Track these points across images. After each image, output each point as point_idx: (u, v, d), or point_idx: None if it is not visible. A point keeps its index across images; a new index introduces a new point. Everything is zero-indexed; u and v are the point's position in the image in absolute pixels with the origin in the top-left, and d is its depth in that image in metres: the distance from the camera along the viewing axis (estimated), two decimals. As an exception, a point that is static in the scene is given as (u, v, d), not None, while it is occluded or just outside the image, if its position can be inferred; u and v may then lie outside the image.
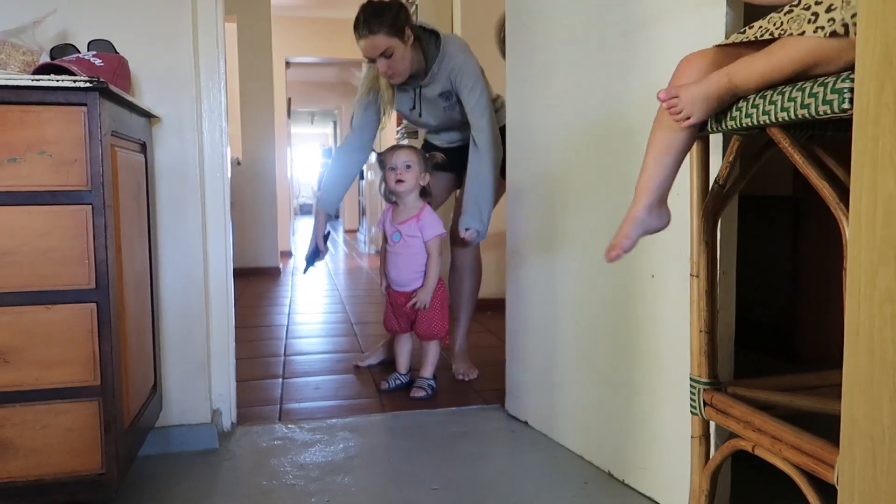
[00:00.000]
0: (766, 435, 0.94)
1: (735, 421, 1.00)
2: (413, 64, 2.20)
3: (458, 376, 2.40)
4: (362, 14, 2.15)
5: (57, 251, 1.19)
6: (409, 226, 2.18)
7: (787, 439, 0.90)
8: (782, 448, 0.90)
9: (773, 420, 0.94)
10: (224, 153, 1.79)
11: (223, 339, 1.84)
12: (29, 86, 1.15)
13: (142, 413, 1.48)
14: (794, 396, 1.02)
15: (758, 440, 0.95)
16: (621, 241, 1.06)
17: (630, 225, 1.07)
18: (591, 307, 1.66)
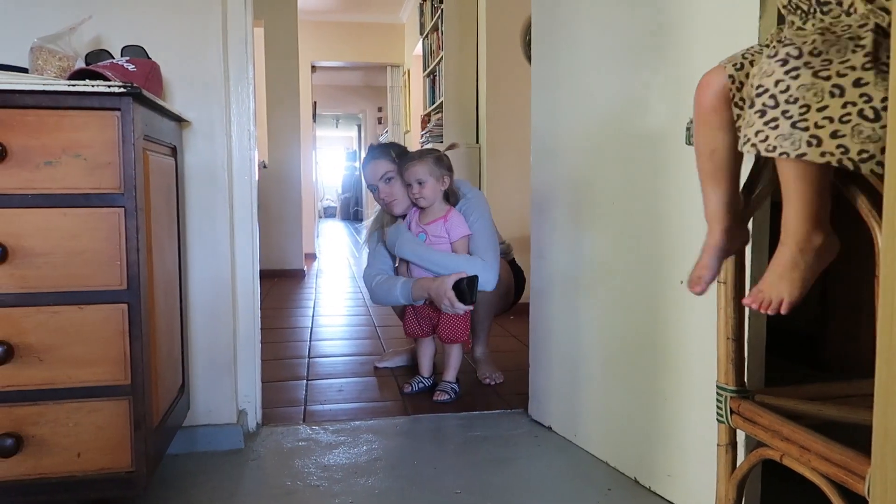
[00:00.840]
0: (794, 444, 0.93)
1: (762, 430, 0.99)
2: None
3: (484, 380, 2.40)
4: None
5: (90, 252, 1.22)
6: (435, 226, 2.19)
7: (816, 449, 0.89)
8: (811, 458, 0.89)
9: (801, 429, 0.93)
10: (252, 157, 1.81)
11: (249, 340, 1.87)
12: (65, 91, 1.18)
13: (170, 412, 1.51)
14: (823, 406, 1.01)
15: (786, 449, 0.94)
16: (702, 272, 1.04)
17: (707, 255, 1.04)
18: (616, 312, 1.65)
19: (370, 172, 2.27)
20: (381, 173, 2.25)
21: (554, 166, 1.89)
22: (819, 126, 0.81)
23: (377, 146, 2.33)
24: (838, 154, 0.80)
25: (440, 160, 2.19)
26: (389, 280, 2.23)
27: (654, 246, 1.50)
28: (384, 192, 2.25)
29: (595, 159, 1.70)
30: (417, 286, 2.16)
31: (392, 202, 2.25)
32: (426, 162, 2.16)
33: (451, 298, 2.08)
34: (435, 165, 2.17)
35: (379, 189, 2.26)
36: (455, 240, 2.18)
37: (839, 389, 1.09)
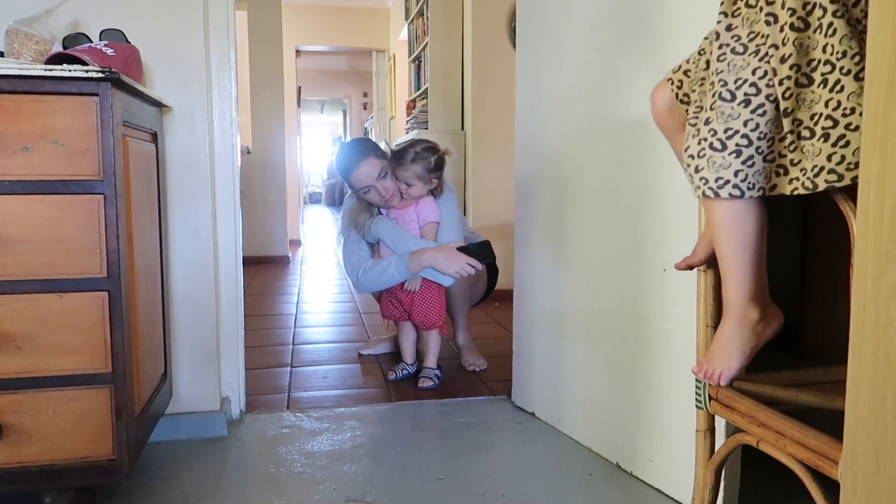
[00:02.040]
0: (770, 430, 0.94)
1: (740, 416, 1.01)
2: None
3: (468, 367, 2.41)
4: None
5: (69, 240, 1.21)
6: (407, 212, 2.20)
7: (791, 435, 0.90)
8: (787, 443, 0.91)
9: (778, 415, 0.94)
10: (234, 143, 1.80)
11: (232, 327, 1.86)
12: (42, 76, 1.16)
13: (152, 400, 1.50)
14: (799, 392, 1.03)
15: (762, 435, 0.96)
16: (690, 257, 1.11)
17: (702, 243, 1.09)
18: (600, 299, 1.66)
19: (364, 175, 2.16)
20: (377, 173, 2.17)
21: (538, 153, 1.89)
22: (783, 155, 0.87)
23: (354, 148, 2.24)
24: (801, 177, 0.85)
25: (431, 167, 2.16)
26: (381, 262, 2.18)
27: (638, 233, 1.51)
28: (383, 190, 2.18)
29: (580, 146, 1.71)
30: (415, 258, 2.13)
31: (391, 197, 2.20)
32: (418, 167, 2.15)
33: (461, 259, 2.09)
34: (425, 171, 2.16)
35: (376, 188, 2.17)
36: (423, 224, 2.20)
37: (815, 376, 1.10)
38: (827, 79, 0.82)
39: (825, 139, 0.83)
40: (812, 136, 0.84)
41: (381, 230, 2.19)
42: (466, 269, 2.12)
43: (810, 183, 0.84)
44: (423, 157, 2.16)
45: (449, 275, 2.13)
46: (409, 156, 2.15)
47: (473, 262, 2.12)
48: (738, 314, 0.97)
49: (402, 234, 2.17)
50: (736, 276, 0.95)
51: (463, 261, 2.11)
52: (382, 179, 2.18)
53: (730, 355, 0.98)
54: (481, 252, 2.15)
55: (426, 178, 2.17)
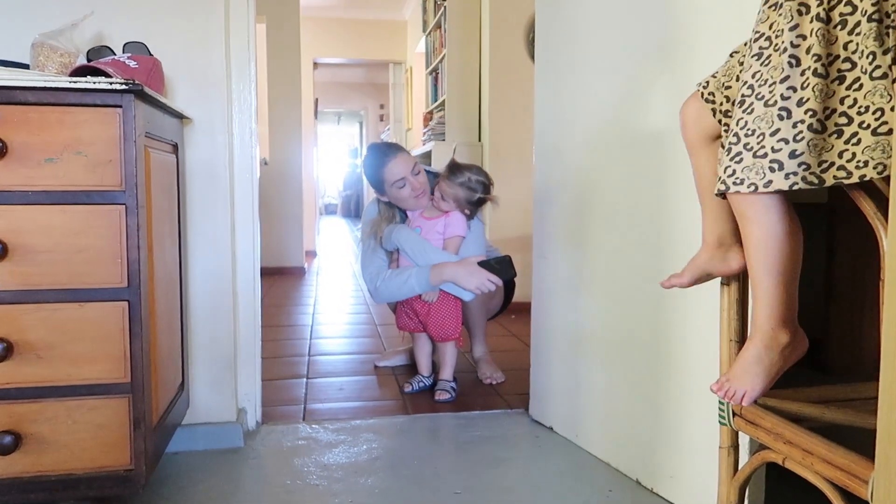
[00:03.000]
0: (796, 448, 0.93)
1: (765, 432, 0.99)
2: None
3: (485, 380, 2.41)
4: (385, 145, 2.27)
5: (91, 250, 1.22)
6: (435, 222, 2.20)
7: (818, 452, 0.89)
8: (814, 461, 0.89)
9: (804, 432, 0.93)
10: (253, 154, 1.81)
11: (250, 338, 1.87)
12: (66, 87, 1.18)
13: (169, 410, 1.51)
14: (826, 409, 1.01)
15: (788, 453, 0.94)
16: (676, 280, 1.12)
17: (689, 269, 1.11)
18: (619, 312, 1.65)
19: (400, 166, 2.16)
20: (412, 166, 2.19)
21: (557, 165, 1.89)
22: (776, 150, 0.84)
23: (387, 145, 2.29)
24: (801, 172, 0.83)
25: (472, 200, 2.17)
26: (401, 272, 2.18)
27: (658, 246, 1.50)
28: (416, 185, 2.18)
29: (599, 159, 1.70)
30: (436, 271, 2.13)
31: (421, 194, 2.21)
32: (462, 191, 2.16)
33: (482, 275, 2.10)
34: (465, 199, 2.17)
35: (410, 181, 2.17)
36: (448, 237, 2.19)
37: (842, 392, 1.09)
38: (845, 76, 0.82)
39: (838, 135, 0.82)
40: (823, 130, 0.83)
41: (401, 239, 2.19)
42: (487, 286, 2.12)
43: (816, 178, 0.83)
44: (472, 188, 2.17)
45: (470, 290, 2.13)
46: (462, 177, 2.17)
47: (494, 279, 2.12)
48: (768, 336, 0.96)
49: (424, 244, 2.17)
50: (769, 297, 0.94)
51: (484, 276, 2.11)
52: (416, 175, 2.20)
53: (754, 377, 0.97)
54: (502, 268, 2.15)
55: (461, 205, 2.18)
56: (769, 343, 0.96)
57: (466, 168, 2.19)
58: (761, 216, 0.90)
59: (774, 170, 0.85)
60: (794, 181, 0.84)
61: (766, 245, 0.91)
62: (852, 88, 0.82)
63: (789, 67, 0.84)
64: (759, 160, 0.86)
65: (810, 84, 0.83)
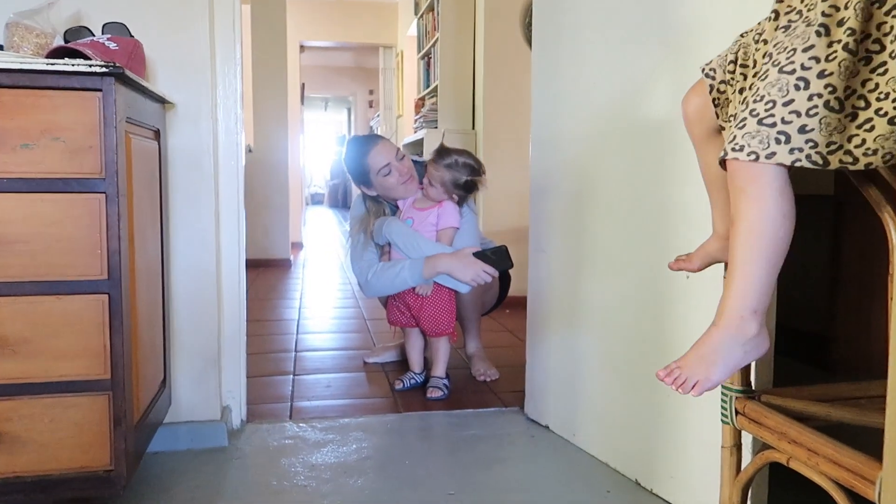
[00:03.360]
0: (801, 447, 0.94)
1: (769, 431, 1.00)
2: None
3: (478, 377, 2.41)
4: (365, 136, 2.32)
5: (69, 240, 1.22)
6: (427, 213, 2.20)
7: (824, 452, 0.90)
8: (819, 461, 0.90)
9: (809, 431, 0.94)
10: (239, 141, 1.81)
11: (235, 333, 1.87)
12: (43, 70, 1.17)
13: (151, 408, 1.51)
14: (832, 407, 1.02)
15: (793, 452, 0.95)
16: (684, 264, 1.16)
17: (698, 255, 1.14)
18: (619, 307, 1.66)
19: (383, 152, 2.20)
20: (395, 151, 2.22)
21: (554, 155, 1.89)
22: (786, 121, 0.82)
23: (366, 136, 2.33)
24: (807, 149, 0.81)
25: (459, 183, 2.17)
26: (393, 265, 2.19)
27: (660, 238, 1.50)
28: (402, 170, 2.21)
29: (598, 148, 1.71)
30: (429, 263, 2.14)
31: (409, 179, 2.22)
32: (448, 174, 2.16)
33: (477, 267, 2.11)
34: (451, 183, 2.17)
35: (396, 168, 2.20)
36: (442, 227, 2.20)
37: (848, 391, 1.10)
38: (871, 57, 0.80)
39: (852, 118, 0.81)
40: (840, 110, 0.81)
41: (392, 232, 2.19)
42: (483, 277, 2.13)
43: (821, 159, 0.81)
44: (458, 170, 2.17)
45: (465, 282, 2.14)
46: (448, 159, 2.17)
47: (490, 270, 2.13)
48: (734, 325, 0.91)
49: (416, 237, 2.18)
50: (747, 282, 0.89)
51: (480, 268, 2.12)
52: (401, 160, 2.22)
53: (711, 367, 0.92)
54: (498, 258, 2.16)
55: (449, 190, 2.18)
56: (735, 332, 0.91)
57: (454, 151, 2.20)
58: (759, 191, 0.86)
59: (780, 141, 0.82)
60: (797, 157, 0.81)
61: (759, 226, 0.87)
62: (876, 72, 0.80)
63: (816, 37, 0.81)
64: (764, 128, 0.83)
65: (837, 58, 0.80)
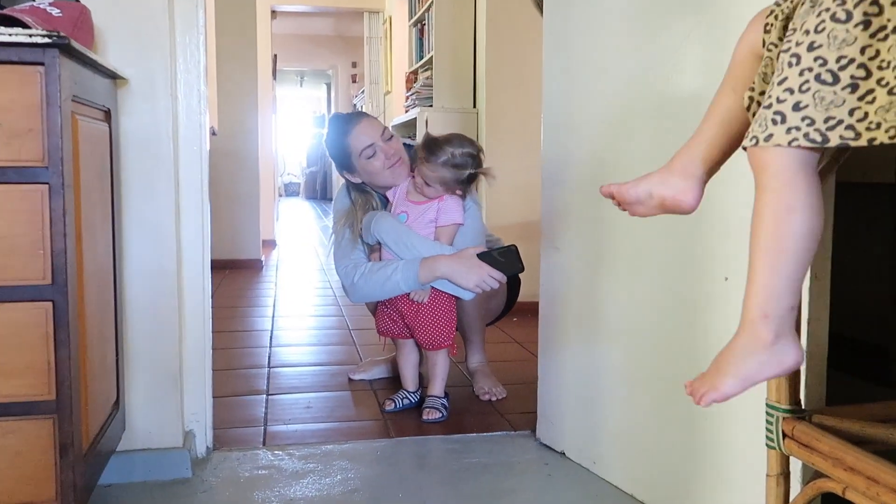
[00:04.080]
0: (860, 475, 0.94)
1: (822, 457, 1.01)
2: None
3: (482, 396, 2.42)
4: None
5: (6, 239, 1.21)
6: (425, 208, 2.19)
7: (886, 481, 0.90)
8: (881, 491, 0.91)
9: (869, 457, 0.94)
10: (202, 122, 1.81)
11: (198, 346, 1.87)
12: (-25, 40, 1.17)
13: (102, 434, 1.51)
14: (894, 429, 1.02)
15: (850, 481, 0.95)
16: (619, 188, 1.18)
17: (644, 181, 1.16)
18: (645, 314, 1.66)
19: (366, 131, 2.20)
20: (381, 130, 2.22)
21: (570, 136, 1.89)
22: (781, 100, 0.86)
23: (348, 114, 2.33)
24: (804, 127, 0.85)
25: (462, 179, 2.15)
26: (384, 266, 2.17)
27: (693, 233, 1.51)
28: (389, 151, 2.21)
29: (621, 127, 1.71)
30: (427, 266, 2.12)
31: (397, 163, 2.22)
32: (447, 173, 2.13)
33: (482, 271, 2.09)
34: (453, 180, 2.15)
35: (381, 149, 2.20)
36: (444, 224, 2.19)
37: (913, 409, 1.10)
38: (870, 21, 0.82)
39: (852, 90, 0.83)
40: (834, 82, 0.84)
41: (382, 230, 2.19)
42: (489, 283, 2.11)
43: (819, 136, 0.84)
44: (458, 165, 2.13)
45: (468, 289, 2.12)
46: (444, 155, 2.12)
47: (496, 274, 2.11)
48: (747, 330, 0.95)
49: (409, 236, 2.17)
50: (756, 281, 0.94)
51: (485, 272, 2.10)
52: (388, 140, 2.22)
53: (723, 378, 0.96)
54: (507, 261, 2.13)
55: (451, 188, 2.17)
56: (746, 340, 0.95)
57: (445, 142, 2.16)
58: (765, 181, 0.91)
59: (777, 122, 0.86)
60: (794, 136, 0.85)
61: (763, 221, 0.92)
62: (876, 37, 0.82)
63: (809, 8, 0.86)
64: (765, 110, 0.88)
65: (826, 28, 0.84)
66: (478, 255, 2.12)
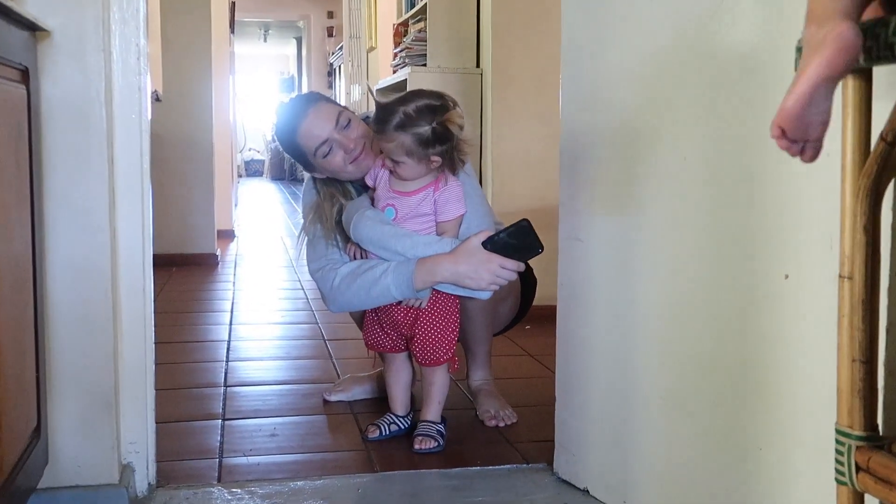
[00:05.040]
0: (952, 517, 0.94)
1: (905, 495, 1.00)
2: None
3: (488, 421, 2.42)
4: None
5: None
6: (420, 198, 2.15)
7: (984, 524, 0.90)
8: (977, 537, 0.90)
9: (963, 495, 0.94)
10: (142, 85, 1.80)
11: (138, 361, 1.87)
12: None
13: (19, 468, 1.50)
14: None
15: (939, 524, 0.95)
16: (795, 107, 1.02)
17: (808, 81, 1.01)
18: (689, 318, 1.66)
19: (316, 125, 2.18)
20: (335, 119, 2.19)
21: (595, 102, 1.89)
22: None
23: (297, 100, 2.35)
24: None
25: (427, 138, 2.05)
26: (370, 267, 2.13)
27: (748, 221, 1.50)
28: (348, 143, 2.18)
29: (658, 91, 1.70)
30: (424, 268, 2.08)
31: (361, 154, 2.20)
32: (406, 137, 2.05)
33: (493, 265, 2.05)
34: (417, 144, 2.05)
35: (338, 142, 2.17)
36: (448, 220, 2.16)
37: None
38: None
39: None
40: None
41: (363, 237, 2.15)
42: (505, 277, 2.08)
43: None
44: (416, 123, 2.04)
45: (481, 290, 2.10)
46: (395, 118, 2.05)
47: (510, 265, 2.07)
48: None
49: (397, 239, 2.12)
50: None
51: (496, 265, 2.06)
52: (345, 129, 2.20)
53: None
54: (520, 242, 2.07)
55: (420, 155, 2.08)
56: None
57: (396, 102, 2.09)
58: None
59: None
60: None
61: None
62: None
63: None
64: None
65: None
66: (483, 242, 2.08)
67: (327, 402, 2.61)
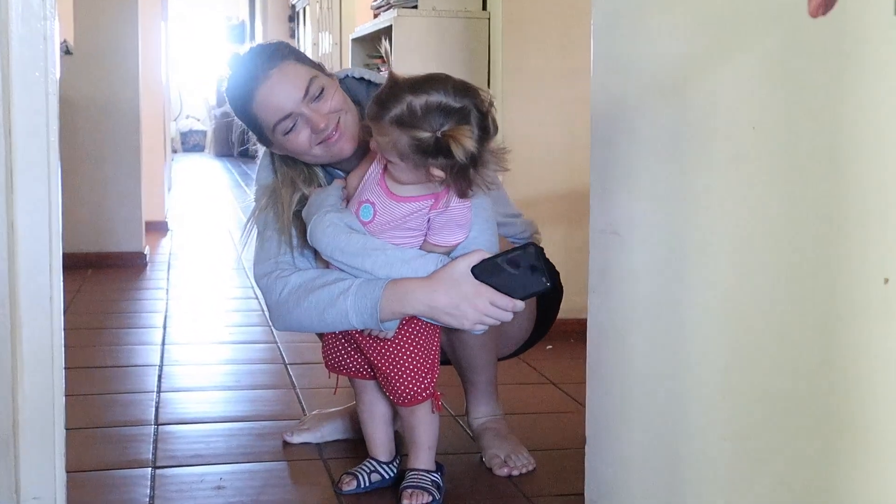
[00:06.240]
0: None
1: None
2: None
3: (498, 469, 2.43)
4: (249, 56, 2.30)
5: None
6: (410, 209, 2.13)
7: None
8: None
9: None
10: (48, 33, 1.80)
11: (43, 392, 1.86)
12: None
13: None
14: None
15: None
16: None
17: None
18: (760, 339, 1.65)
19: (276, 94, 2.15)
20: (306, 82, 2.17)
21: (634, 62, 1.89)
22: None
23: (256, 54, 2.27)
24: None
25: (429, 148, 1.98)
26: (326, 286, 2.11)
27: (835, 212, 1.50)
28: (318, 122, 2.14)
29: (713, 50, 1.70)
30: (393, 295, 2.06)
31: (335, 135, 2.18)
32: (403, 137, 1.99)
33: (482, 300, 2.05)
34: (414, 150, 1.98)
35: (305, 118, 2.14)
36: (439, 244, 2.15)
37: None
38: None
39: None
40: None
41: (319, 237, 2.11)
42: (496, 317, 2.08)
43: None
44: (418, 124, 1.97)
45: (465, 328, 2.13)
46: (397, 108, 1.98)
47: (505, 304, 2.06)
48: None
49: (362, 250, 2.09)
50: None
51: (485, 300, 2.05)
52: (316, 100, 2.17)
53: None
54: (521, 273, 2.06)
55: (416, 162, 2.02)
56: None
57: (405, 86, 2.01)
58: None
59: None
60: None
61: None
62: None
63: None
64: None
65: None
66: (474, 267, 2.06)
67: (289, 444, 2.62)
